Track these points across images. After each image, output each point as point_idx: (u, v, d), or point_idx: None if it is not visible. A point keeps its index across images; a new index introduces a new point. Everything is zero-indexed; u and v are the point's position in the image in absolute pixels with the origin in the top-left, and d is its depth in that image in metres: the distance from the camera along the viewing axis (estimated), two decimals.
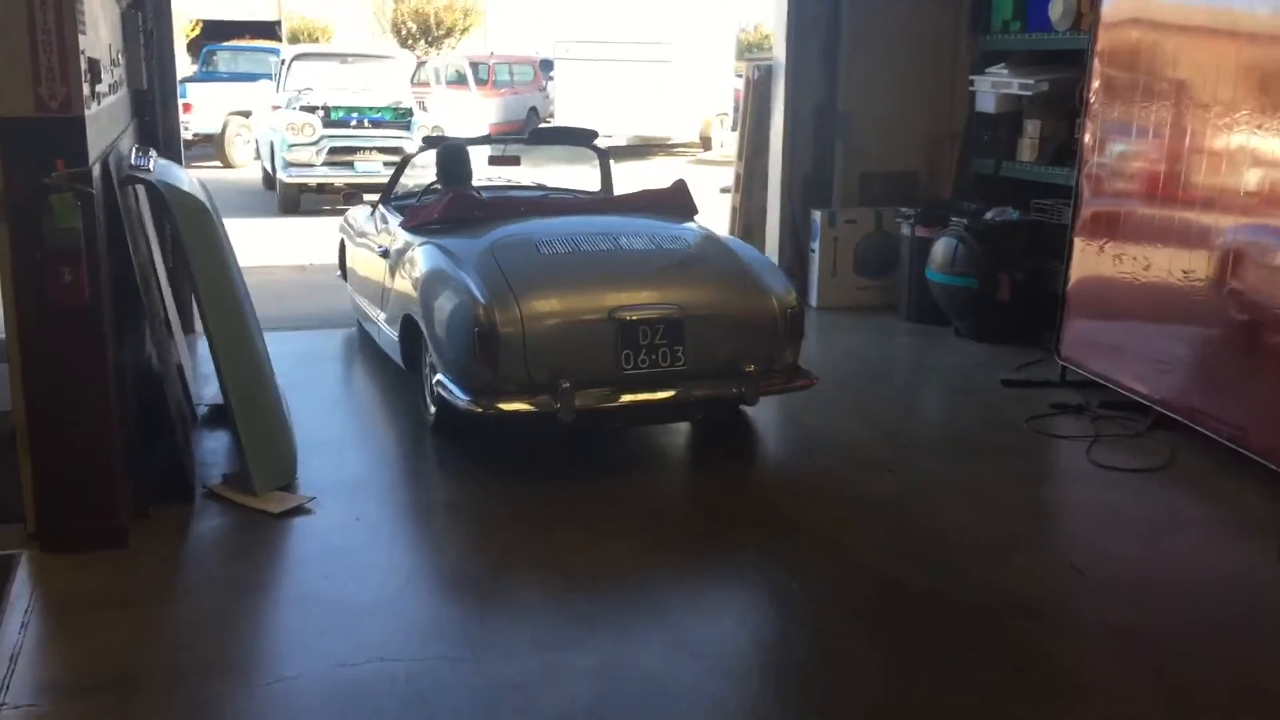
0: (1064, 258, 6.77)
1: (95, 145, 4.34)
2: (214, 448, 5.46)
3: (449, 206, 6.06)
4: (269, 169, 15.71)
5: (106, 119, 5.04)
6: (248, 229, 13.15)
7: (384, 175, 14.47)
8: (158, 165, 5.13)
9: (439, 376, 5.29)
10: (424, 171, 10.29)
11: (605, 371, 5.06)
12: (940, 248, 7.78)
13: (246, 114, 19.72)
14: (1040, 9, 7.76)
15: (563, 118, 22.93)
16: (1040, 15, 7.78)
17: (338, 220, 8.40)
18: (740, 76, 12.75)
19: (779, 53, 8.82)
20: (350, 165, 14.37)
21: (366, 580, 4.15)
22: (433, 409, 5.65)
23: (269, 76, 18.55)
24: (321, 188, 14.68)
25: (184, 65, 25.63)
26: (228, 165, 19.95)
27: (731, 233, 9.46)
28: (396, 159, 14.39)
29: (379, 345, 6.81)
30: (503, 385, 4.98)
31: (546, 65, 28.19)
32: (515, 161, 8.24)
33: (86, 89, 4.21)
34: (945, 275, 7.73)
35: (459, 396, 5.04)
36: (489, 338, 4.95)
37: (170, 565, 4.27)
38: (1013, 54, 8.29)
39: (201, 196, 5.21)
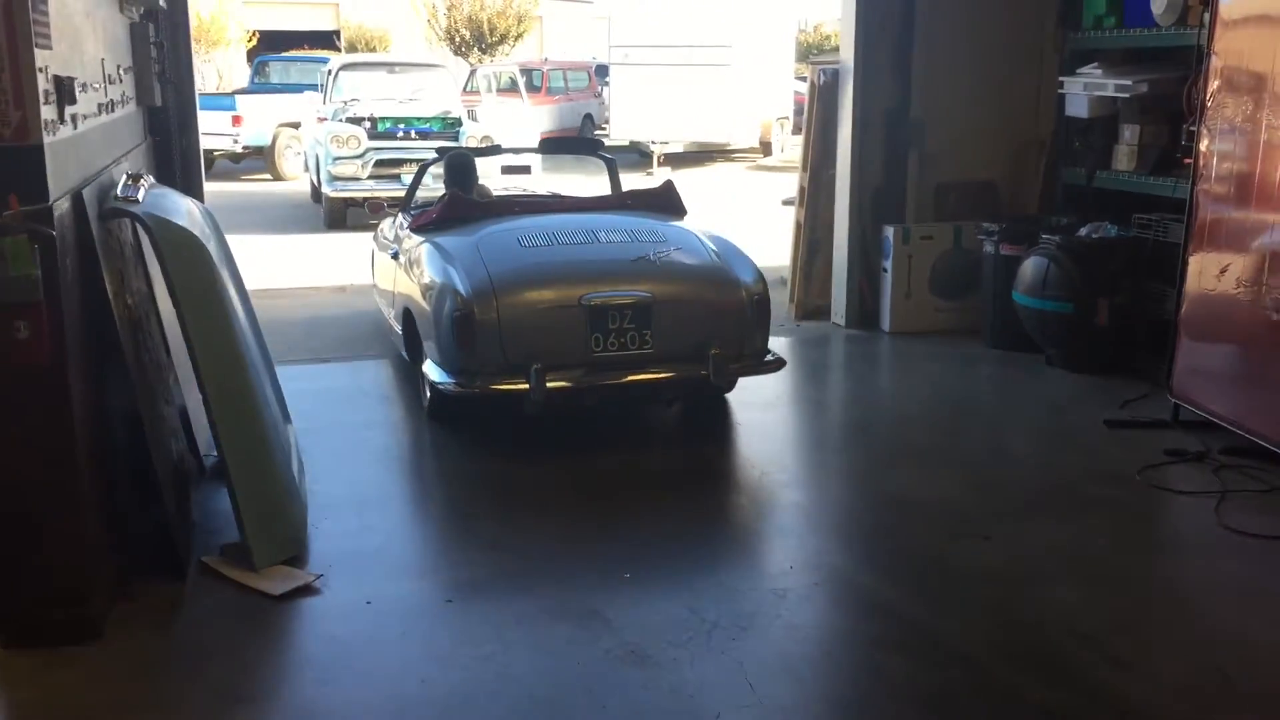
0: (1175, 279, 6.00)
1: (65, 176, 3.76)
2: (222, 509, 4.86)
3: (446, 206, 6.46)
4: (316, 182, 15.26)
5: (96, 143, 4.49)
6: (291, 246, 12.70)
7: (433, 189, 13.99)
8: (151, 193, 4.56)
9: (427, 361, 5.68)
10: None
11: (576, 354, 5.36)
12: (1030, 268, 7.02)
13: (297, 125, 19.34)
14: (1138, 2, 6.98)
15: (619, 125, 22.30)
16: (1139, 9, 7.01)
17: None
18: (804, 79, 12.13)
19: (846, 54, 8.10)
20: (397, 178, 13.82)
21: (371, 686, 3.51)
22: (428, 394, 5.94)
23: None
24: (368, 202, 14.18)
25: (243, 77, 25.40)
26: (278, 178, 19.58)
27: (795, 250, 8.76)
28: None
29: (394, 344, 7.02)
30: (481, 368, 5.34)
31: (602, 71, 27.60)
32: (526, 171, 8.96)
33: (51, 112, 3.64)
34: (1035, 298, 6.97)
35: (442, 378, 5.45)
36: (466, 323, 5.32)
37: (149, 665, 3.66)
38: (1106, 52, 7.51)
39: (200, 229, 4.63)
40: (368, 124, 14.29)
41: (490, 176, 10.42)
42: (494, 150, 8.35)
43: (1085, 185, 7.58)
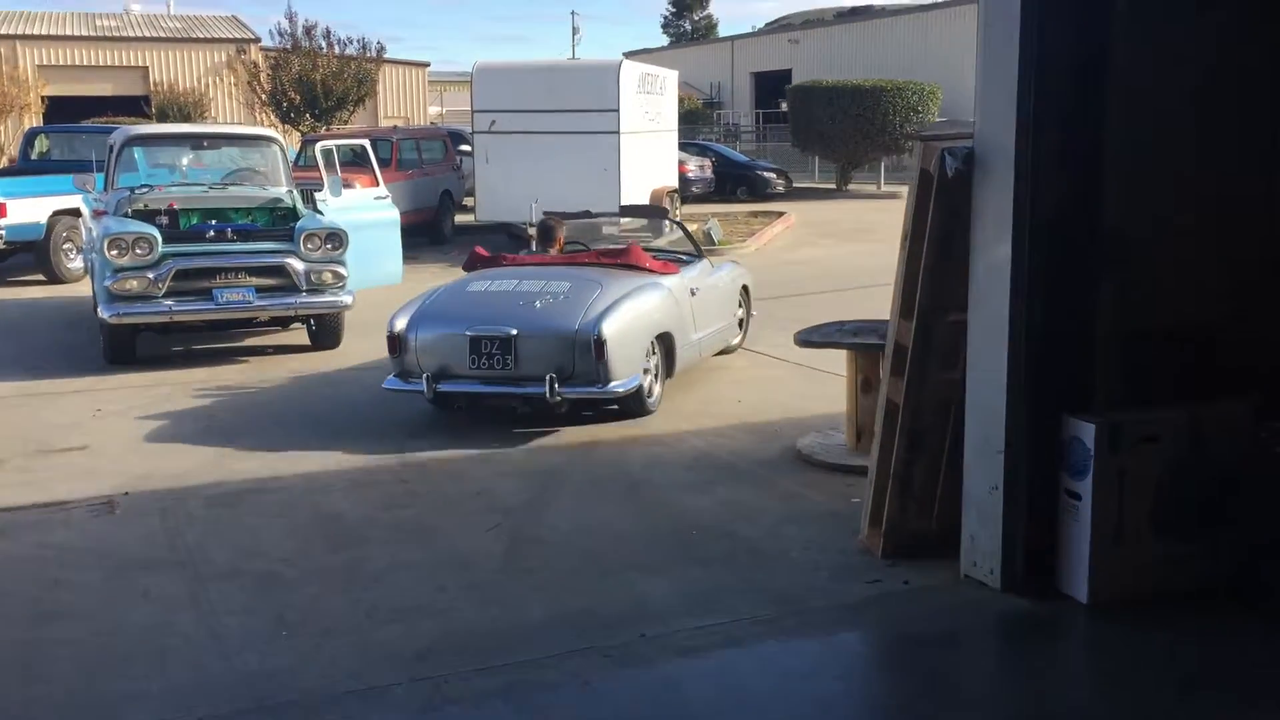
0: None
1: None
2: None
3: (467, 260, 8.98)
4: (94, 298, 11.08)
5: None
6: (48, 402, 8.55)
7: (261, 307, 10.12)
8: None
9: None
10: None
11: (462, 370, 7.53)
12: None
13: (79, 214, 15.06)
14: None
15: (486, 204, 18.64)
16: None
17: (203, 373, 9.38)
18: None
19: (992, 127, 4.67)
20: (208, 295, 9.86)
21: None
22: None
23: None
24: (169, 328, 10.17)
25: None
26: (57, 280, 15.28)
27: (883, 443, 5.25)
28: (275, 281, 10.03)
29: None
30: (409, 373, 7.68)
31: (457, 138, 23.92)
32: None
33: None
34: None
35: (387, 379, 7.85)
36: (394, 341, 7.70)
37: None
38: None
39: None
40: (164, 219, 10.31)
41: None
42: (583, 215, 10.63)
43: None
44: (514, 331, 7.33)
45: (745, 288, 10.07)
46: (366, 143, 13.74)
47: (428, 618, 4.71)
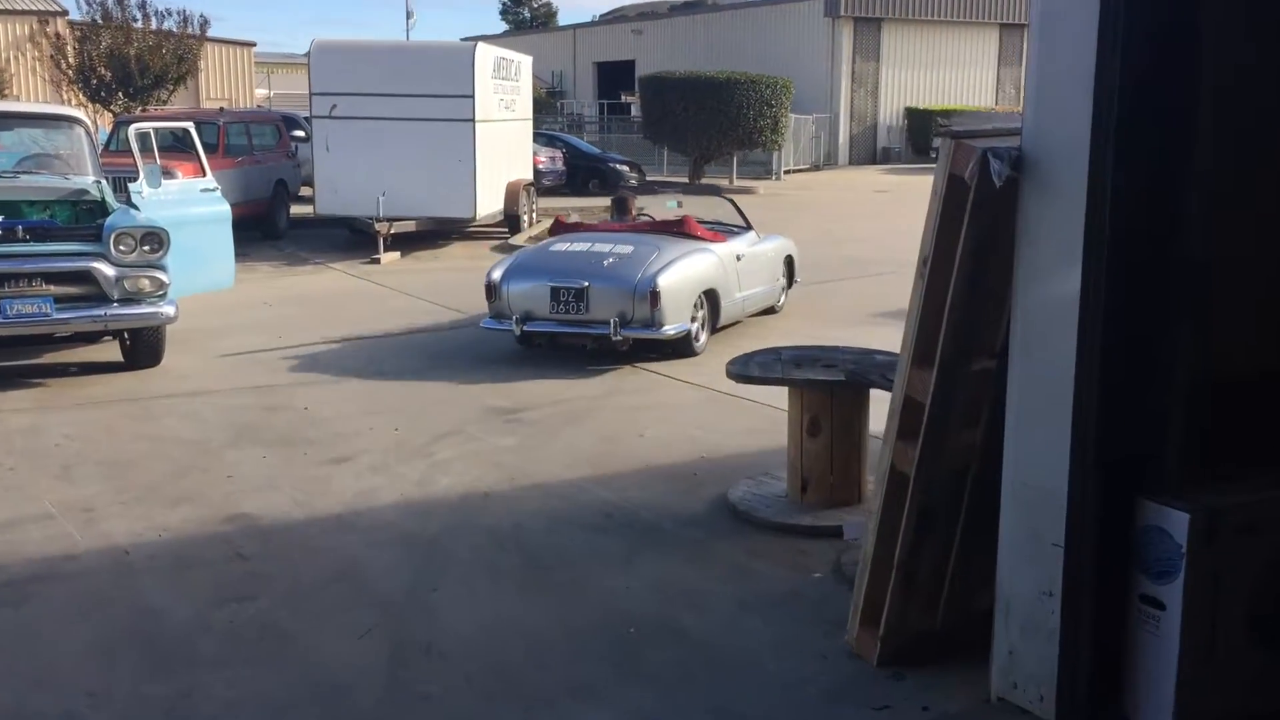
0: None
1: None
2: None
3: (551, 227, 10.90)
4: None
5: None
6: None
7: (61, 321, 8.41)
8: None
9: None
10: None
11: (543, 314, 8.99)
12: None
13: None
14: None
15: (326, 196, 16.89)
16: None
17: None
18: (930, 172, 8.33)
19: (1048, 120, 3.56)
20: None
21: None
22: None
23: None
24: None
25: None
26: None
27: (881, 519, 4.10)
28: (79, 290, 8.35)
29: None
30: (500, 315, 9.17)
31: (291, 123, 22.02)
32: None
33: None
34: None
35: (485, 320, 9.34)
36: (490, 289, 9.21)
37: None
38: None
39: None
40: None
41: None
42: (651, 188, 13.86)
43: None
44: (586, 283, 8.86)
45: (790, 258, 11.35)
46: (190, 126, 11.95)
47: None
